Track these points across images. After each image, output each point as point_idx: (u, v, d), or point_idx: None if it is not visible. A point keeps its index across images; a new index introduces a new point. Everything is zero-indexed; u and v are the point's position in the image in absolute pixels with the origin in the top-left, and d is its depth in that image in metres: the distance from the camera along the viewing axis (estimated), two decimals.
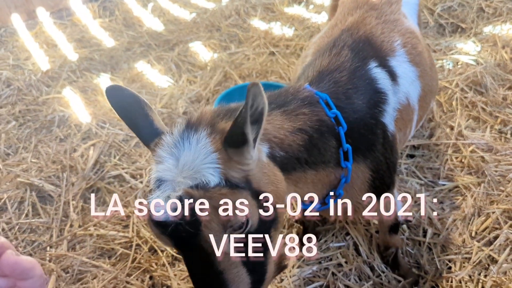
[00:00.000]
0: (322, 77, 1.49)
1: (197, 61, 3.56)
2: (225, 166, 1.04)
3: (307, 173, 1.33)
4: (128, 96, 1.18)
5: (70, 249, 2.19)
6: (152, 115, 1.17)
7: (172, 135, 1.09)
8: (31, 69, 3.57)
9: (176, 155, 1.05)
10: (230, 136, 1.04)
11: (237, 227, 1.03)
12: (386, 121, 1.52)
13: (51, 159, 2.64)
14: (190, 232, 0.99)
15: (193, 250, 1.03)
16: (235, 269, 1.06)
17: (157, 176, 1.06)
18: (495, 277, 1.81)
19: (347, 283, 1.90)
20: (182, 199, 0.98)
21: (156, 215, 1.01)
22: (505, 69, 2.92)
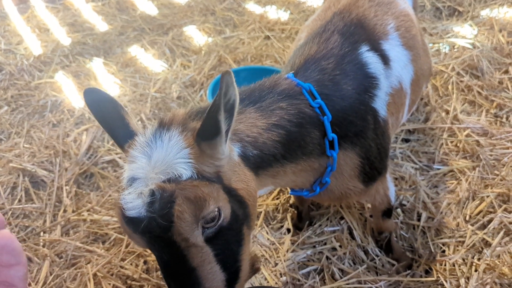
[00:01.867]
0: (307, 66, 1.46)
1: (192, 46, 3.52)
2: (197, 161, 1.05)
3: (286, 166, 1.33)
4: (105, 99, 1.21)
5: (63, 234, 2.18)
6: (127, 118, 1.19)
7: (144, 135, 1.10)
8: (23, 53, 3.52)
9: (148, 154, 1.06)
10: (203, 128, 1.05)
11: (210, 219, 1.03)
12: (377, 107, 1.50)
13: (44, 144, 2.62)
14: (163, 225, 0.98)
15: (165, 247, 1.02)
16: (208, 265, 1.05)
17: (130, 175, 1.06)
18: (489, 260, 1.82)
19: (341, 267, 1.91)
20: (154, 193, 0.99)
21: (129, 212, 1.01)
22: (501, 53, 2.89)
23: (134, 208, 1.00)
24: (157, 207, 0.97)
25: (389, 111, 1.59)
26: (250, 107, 1.29)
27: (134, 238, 1.06)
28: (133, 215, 1.00)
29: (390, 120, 1.63)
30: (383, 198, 1.73)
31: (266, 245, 2.05)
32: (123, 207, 1.02)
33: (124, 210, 1.01)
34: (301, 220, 2.12)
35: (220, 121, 1.01)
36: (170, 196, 0.98)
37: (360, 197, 1.66)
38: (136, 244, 1.09)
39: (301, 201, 2.06)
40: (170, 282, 1.06)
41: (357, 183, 1.53)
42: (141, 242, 1.05)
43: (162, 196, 0.98)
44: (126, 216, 1.02)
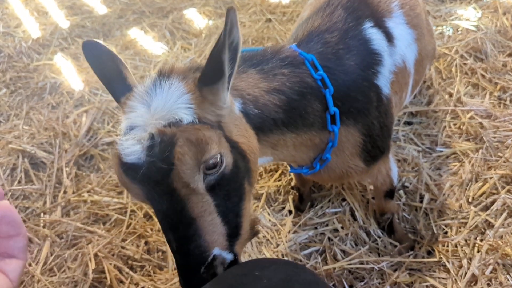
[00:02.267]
0: (311, 38, 1.44)
1: (192, 28, 3.48)
2: (199, 107, 1.02)
3: (286, 136, 1.30)
4: (104, 52, 1.18)
5: (64, 215, 2.17)
6: (126, 73, 1.16)
7: (143, 85, 1.07)
8: (21, 36, 3.49)
9: (147, 102, 1.02)
10: (206, 70, 1.02)
11: (211, 164, 0.99)
12: (381, 84, 1.47)
13: (43, 126, 2.60)
14: (164, 170, 0.94)
15: (165, 195, 0.98)
16: (209, 216, 1.01)
17: (128, 123, 1.03)
18: (491, 241, 1.81)
19: (343, 248, 1.90)
20: (154, 137, 0.96)
21: (127, 157, 0.97)
22: (505, 36, 2.86)
23: (133, 153, 0.97)
24: (157, 151, 0.94)
25: (393, 90, 1.57)
26: (252, 69, 1.27)
27: (132, 189, 1.02)
28: (132, 161, 0.97)
29: (394, 99, 1.61)
30: (385, 179, 1.71)
31: (268, 227, 2.04)
32: (121, 154, 0.99)
33: (123, 156, 0.98)
34: (303, 202, 2.11)
35: (224, 61, 0.98)
36: (171, 138, 0.95)
37: (361, 176, 1.63)
38: (134, 196, 1.05)
39: (303, 183, 2.05)
40: (169, 235, 1.01)
41: (359, 162, 1.51)
42: (140, 192, 1.01)
43: (162, 139, 0.95)
44: (125, 164, 0.98)
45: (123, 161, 0.99)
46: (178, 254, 1.00)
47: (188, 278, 1.00)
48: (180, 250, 1.00)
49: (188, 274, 1.00)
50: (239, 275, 0.95)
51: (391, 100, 1.55)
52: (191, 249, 0.99)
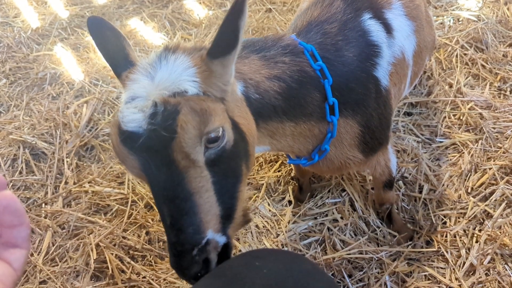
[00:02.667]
0: (310, 28, 1.44)
1: (192, 18, 3.46)
2: (204, 81, 1.02)
3: (285, 124, 1.30)
4: (109, 28, 1.18)
5: (65, 205, 2.18)
6: (128, 49, 1.16)
7: (147, 59, 1.06)
8: (20, 26, 3.47)
9: (151, 74, 1.01)
10: (219, 40, 1.01)
11: (213, 138, 0.98)
12: (379, 75, 1.47)
13: (44, 116, 2.60)
14: (165, 138, 0.93)
15: (163, 166, 0.96)
16: (205, 193, 0.99)
17: (130, 94, 1.01)
18: (490, 231, 1.83)
19: (342, 238, 1.91)
20: (157, 106, 0.95)
21: (128, 125, 0.96)
22: (506, 26, 2.85)
23: (133, 121, 0.95)
24: (160, 119, 0.93)
25: (392, 81, 1.57)
26: (255, 55, 1.27)
27: (128, 161, 1.00)
28: (132, 129, 0.95)
29: (393, 91, 1.61)
30: (384, 169, 1.72)
31: (268, 217, 2.06)
32: (121, 122, 0.97)
33: (122, 124, 0.97)
34: (303, 192, 2.12)
35: (241, 28, 0.96)
36: (175, 107, 0.94)
37: (360, 167, 1.64)
38: (130, 169, 1.03)
39: (302, 174, 2.06)
40: (164, 209, 0.98)
41: (357, 153, 1.51)
42: (136, 164, 0.98)
43: (165, 107, 0.94)
44: (124, 132, 0.97)
45: (122, 130, 0.97)
46: (171, 229, 0.98)
47: (180, 257, 0.98)
48: (174, 226, 0.97)
49: (180, 253, 0.97)
50: (239, 265, 0.96)
51: (389, 92, 1.55)
52: (186, 225, 0.96)
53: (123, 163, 1.03)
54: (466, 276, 1.75)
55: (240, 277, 0.90)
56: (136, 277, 1.85)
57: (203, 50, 1.08)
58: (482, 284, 1.72)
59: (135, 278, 1.85)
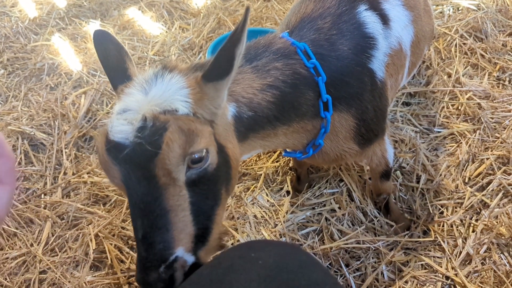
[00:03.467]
0: (303, 25, 1.43)
1: (190, 8, 3.44)
2: (196, 103, 1.03)
3: (277, 129, 1.31)
4: (112, 42, 1.21)
5: (64, 196, 2.19)
6: (128, 63, 1.18)
7: (144, 75, 1.08)
8: (18, 16, 3.45)
9: (146, 90, 1.03)
10: (216, 63, 1.03)
11: (196, 159, 0.99)
12: (375, 68, 1.46)
13: (42, 107, 2.60)
14: (149, 153, 0.94)
15: (143, 181, 0.96)
16: (182, 212, 1.00)
17: (122, 106, 1.02)
18: (487, 221, 1.84)
19: (340, 228, 1.93)
20: (146, 120, 0.96)
21: (115, 135, 0.97)
22: (506, 15, 2.84)
23: (121, 132, 0.97)
24: (147, 133, 0.95)
25: (388, 73, 1.56)
26: (247, 66, 1.27)
27: (110, 170, 1.00)
28: (119, 140, 0.97)
29: (389, 82, 1.60)
30: (380, 160, 1.72)
31: (266, 207, 2.07)
32: (109, 131, 0.99)
33: (110, 134, 0.98)
34: (300, 182, 2.13)
35: (237, 56, 0.99)
36: (163, 124, 0.95)
37: (356, 158, 1.65)
38: (110, 179, 1.03)
39: (300, 164, 2.06)
40: (138, 222, 0.98)
41: (353, 145, 1.51)
42: (117, 175, 0.99)
43: (154, 123, 0.95)
44: (110, 141, 0.98)
45: (109, 139, 0.99)
46: (142, 243, 0.98)
47: (146, 273, 0.98)
48: (145, 240, 0.98)
49: (147, 268, 0.98)
50: (235, 257, 0.97)
51: (385, 83, 1.54)
52: (157, 241, 0.97)
53: (105, 172, 1.04)
54: (462, 265, 1.76)
55: (235, 269, 0.91)
56: (135, 267, 1.86)
57: (198, 72, 1.09)
58: (478, 273, 1.73)
59: (134, 268, 1.86)
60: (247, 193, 2.14)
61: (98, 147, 1.03)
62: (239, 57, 1.00)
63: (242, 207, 2.06)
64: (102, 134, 1.02)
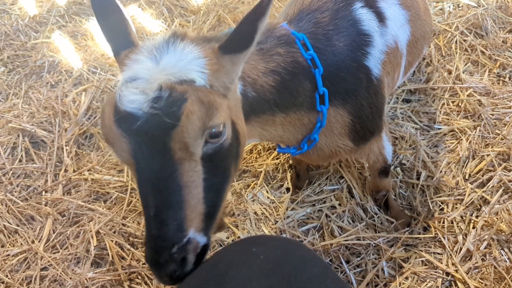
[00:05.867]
0: (302, 16, 1.43)
1: (190, 5, 3.44)
2: (213, 75, 0.99)
3: (276, 116, 1.31)
4: (112, 4, 1.14)
5: (65, 193, 2.20)
6: (130, 28, 1.12)
7: (153, 41, 1.03)
8: (18, 14, 3.45)
9: (156, 58, 0.98)
10: (235, 37, 0.99)
11: (215, 133, 0.96)
12: (370, 65, 1.47)
13: (43, 105, 2.60)
14: (167, 124, 0.89)
15: (157, 154, 0.91)
16: (195, 189, 0.96)
17: (130, 73, 0.96)
18: (487, 217, 1.84)
19: (340, 224, 1.93)
20: (162, 89, 0.91)
21: (126, 105, 0.91)
22: (506, 12, 2.83)
23: (133, 102, 0.91)
24: (164, 104, 0.89)
25: (384, 70, 1.56)
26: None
27: (118, 143, 0.94)
28: (131, 110, 0.91)
29: (386, 80, 1.60)
30: (378, 157, 1.72)
31: (266, 204, 2.07)
32: (118, 101, 0.92)
33: (120, 104, 0.92)
34: (300, 179, 2.13)
35: (259, 29, 0.96)
36: (182, 94, 0.91)
37: (351, 155, 1.66)
38: (118, 152, 0.97)
39: (298, 161, 2.06)
40: (150, 199, 0.93)
41: (347, 141, 1.52)
42: (127, 148, 0.93)
43: (171, 93, 0.90)
44: (120, 111, 0.92)
45: (119, 109, 0.92)
46: (154, 221, 0.93)
47: (158, 252, 0.93)
48: (157, 218, 0.93)
49: (160, 248, 0.93)
50: (236, 252, 0.97)
51: (381, 81, 1.54)
52: (170, 219, 0.92)
53: (111, 145, 0.97)
54: (462, 261, 1.77)
55: (237, 263, 0.91)
56: (136, 264, 1.87)
57: (213, 42, 1.06)
58: (478, 269, 1.73)
59: (135, 264, 1.87)
60: (247, 190, 2.14)
61: (104, 117, 0.96)
62: (260, 31, 0.97)
63: (243, 204, 2.06)
64: (109, 103, 0.95)
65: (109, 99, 0.97)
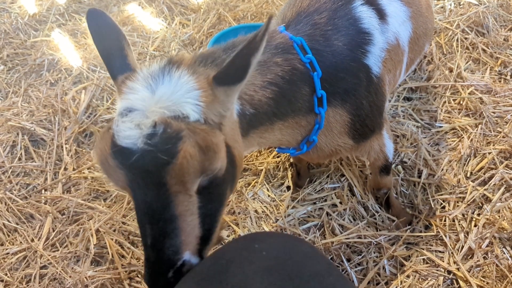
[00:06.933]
0: (299, 19, 1.42)
1: (190, 4, 3.43)
2: (207, 107, 0.99)
3: (274, 124, 1.30)
4: (109, 24, 1.14)
5: (65, 191, 2.19)
6: (127, 50, 1.12)
7: (149, 69, 1.03)
8: (17, 12, 3.44)
9: (152, 87, 0.98)
10: (229, 69, 0.99)
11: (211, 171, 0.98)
12: (370, 63, 1.45)
13: (42, 103, 2.59)
14: (162, 161, 0.90)
15: (152, 188, 0.93)
16: (190, 217, 0.98)
17: (126, 104, 0.97)
18: (489, 215, 1.83)
19: (341, 223, 1.92)
20: (156, 126, 0.91)
21: (122, 140, 0.92)
22: (507, 10, 2.83)
23: (129, 137, 0.92)
24: (159, 141, 0.90)
25: (386, 68, 1.55)
26: None
27: (114, 174, 0.96)
28: (127, 145, 0.92)
29: (387, 77, 1.59)
30: (378, 155, 1.71)
31: (267, 202, 2.06)
32: (115, 135, 0.93)
33: (117, 138, 0.93)
34: (300, 178, 2.12)
35: (252, 65, 0.96)
36: (177, 133, 0.91)
37: (351, 153, 1.65)
38: (113, 181, 0.99)
39: (299, 160, 2.05)
40: (146, 228, 0.96)
41: (347, 140, 1.51)
42: (122, 179, 0.95)
43: (165, 130, 0.91)
44: (117, 145, 0.93)
45: (115, 143, 0.94)
46: (151, 249, 0.97)
47: (156, 277, 0.98)
48: (154, 246, 0.96)
49: (156, 273, 0.97)
50: (239, 248, 0.96)
51: (382, 79, 1.53)
52: (165, 247, 0.96)
53: (107, 174, 0.99)
54: (464, 259, 1.76)
55: (239, 259, 0.90)
56: (136, 262, 1.86)
57: (207, 68, 1.06)
58: (480, 268, 1.72)
59: (135, 263, 1.86)
60: (248, 188, 2.13)
61: (100, 149, 0.97)
62: (254, 65, 0.97)
63: (243, 202, 2.05)
64: (106, 137, 0.96)
65: (105, 132, 0.98)
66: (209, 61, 1.11)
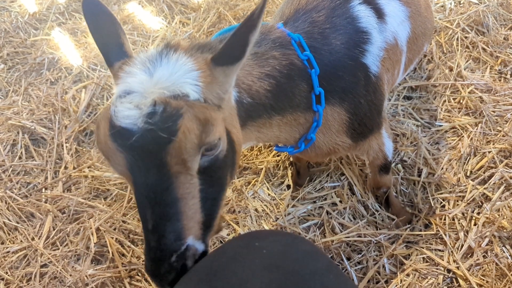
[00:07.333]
0: (298, 16, 1.42)
1: (190, 2, 3.42)
2: (206, 87, 0.99)
3: (272, 118, 1.30)
4: (105, 13, 1.14)
5: (65, 190, 2.19)
6: (123, 39, 1.12)
7: (146, 53, 1.03)
8: (17, 11, 3.44)
9: (150, 70, 0.98)
10: (227, 50, 1.00)
11: (210, 147, 0.97)
12: (368, 62, 1.46)
13: (42, 102, 2.59)
14: (162, 140, 0.89)
15: (153, 169, 0.92)
16: (192, 200, 0.97)
17: (124, 87, 0.97)
18: (488, 214, 1.83)
19: (341, 221, 1.92)
20: (155, 105, 0.91)
21: (121, 121, 0.91)
22: (507, 9, 2.82)
23: (128, 117, 0.91)
24: (158, 119, 0.89)
25: (384, 67, 1.55)
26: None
27: (114, 157, 0.95)
28: (126, 126, 0.91)
29: (386, 76, 1.59)
30: (377, 154, 1.71)
31: (267, 201, 2.06)
32: (113, 116, 0.93)
33: (115, 119, 0.92)
34: (300, 176, 2.12)
35: (251, 42, 0.96)
36: (177, 110, 0.91)
37: (350, 151, 1.65)
38: (114, 166, 0.97)
39: (298, 159, 2.05)
40: (147, 212, 0.94)
41: (345, 139, 1.51)
42: (122, 162, 0.94)
43: (165, 108, 0.91)
44: (116, 126, 0.92)
45: (114, 124, 0.93)
46: (152, 234, 0.94)
47: (158, 263, 0.95)
48: (155, 230, 0.94)
49: (159, 259, 0.95)
50: (239, 246, 0.97)
51: (380, 78, 1.53)
52: (167, 231, 0.93)
53: (107, 158, 0.98)
54: (464, 258, 1.76)
55: (240, 257, 0.91)
56: (136, 261, 1.86)
57: (206, 51, 1.06)
58: (479, 266, 1.73)
59: (135, 261, 1.86)
60: (248, 187, 2.13)
61: (99, 132, 0.97)
62: (252, 43, 0.97)
63: (243, 201, 2.06)
64: (104, 118, 0.96)
65: (104, 113, 0.97)
66: (206, 48, 1.12)
